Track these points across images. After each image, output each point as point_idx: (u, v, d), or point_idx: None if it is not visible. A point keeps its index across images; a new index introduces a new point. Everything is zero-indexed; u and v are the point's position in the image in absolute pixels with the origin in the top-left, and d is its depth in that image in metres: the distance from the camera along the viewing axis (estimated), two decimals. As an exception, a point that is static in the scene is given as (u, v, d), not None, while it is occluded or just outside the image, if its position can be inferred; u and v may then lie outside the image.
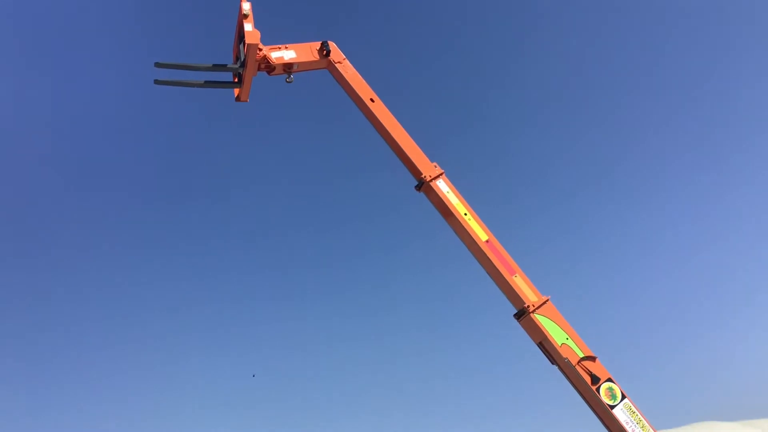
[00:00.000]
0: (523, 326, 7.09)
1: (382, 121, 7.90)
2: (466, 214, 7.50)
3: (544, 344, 6.95)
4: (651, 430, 6.66)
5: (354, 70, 8.19)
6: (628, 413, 6.69)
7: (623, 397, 6.75)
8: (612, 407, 6.67)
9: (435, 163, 7.83)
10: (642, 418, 6.70)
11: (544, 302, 7.01)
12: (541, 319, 6.93)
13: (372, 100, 8.01)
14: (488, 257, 7.21)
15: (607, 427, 6.81)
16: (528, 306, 6.97)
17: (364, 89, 8.08)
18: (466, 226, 7.42)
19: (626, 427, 6.58)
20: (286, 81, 7.96)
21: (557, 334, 6.90)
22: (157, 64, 7.45)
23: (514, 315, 7.16)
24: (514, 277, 7.12)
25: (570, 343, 6.88)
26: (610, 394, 6.74)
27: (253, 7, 7.80)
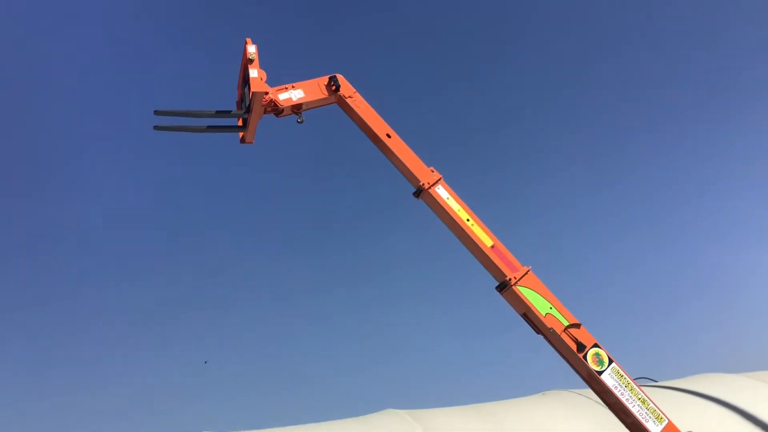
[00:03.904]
0: (505, 299, 7.00)
1: (398, 155, 7.48)
2: (468, 220, 7.25)
3: (528, 315, 6.84)
4: (640, 392, 6.57)
5: (366, 103, 7.79)
6: (616, 377, 6.60)
7: (610, 361, 6.64)
8: (600, 373, 6.58)
9: (432, 168, 7.55)
10: (630, 381, 6.58)
11: (525, 273, 6.90)
12: (523, 291, 6.82)
13: (388, 135, 7.59)
14: (495, 263, 6.95)
15: (596, 391, 6.80)
16: (509, 279, 6.87)
17: (378, 124, 7.65)
18: (470, 233, 7.17)
19: (615, 391, 6.45)
20: (297, 122, 7.48)
21: (540, 305, 6.79)
22: (157, 112, 7.17)
23: (496, 288, 7.07)
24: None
25: (554, 312, 6.76)
26: (597, 360, 6.65)
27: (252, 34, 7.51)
